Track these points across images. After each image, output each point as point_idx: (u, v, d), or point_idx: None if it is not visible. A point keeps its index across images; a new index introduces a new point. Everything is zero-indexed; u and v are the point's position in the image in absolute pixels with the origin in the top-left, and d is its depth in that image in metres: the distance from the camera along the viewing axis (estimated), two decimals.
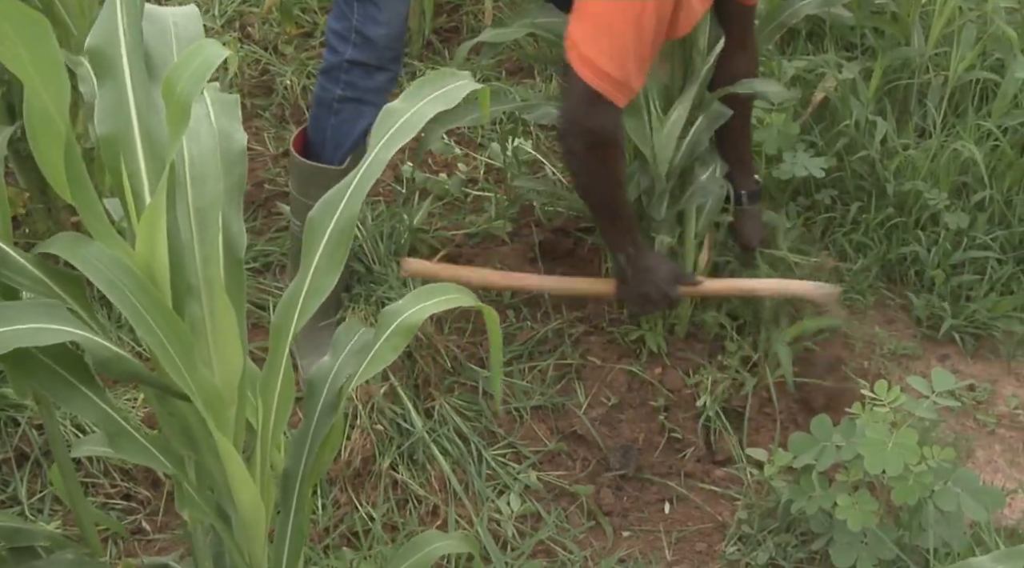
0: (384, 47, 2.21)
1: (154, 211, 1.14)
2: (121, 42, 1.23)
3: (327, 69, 2.28)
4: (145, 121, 1.22)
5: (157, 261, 1.17)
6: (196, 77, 1.10)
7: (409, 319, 1.37)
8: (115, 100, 1.22)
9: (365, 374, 1.36)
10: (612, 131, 2.01)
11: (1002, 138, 2.72)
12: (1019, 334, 2.50)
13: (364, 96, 2.26)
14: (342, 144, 2.28)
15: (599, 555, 2.04)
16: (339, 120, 2.28)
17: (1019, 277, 2.60)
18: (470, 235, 2.64)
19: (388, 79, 2.29)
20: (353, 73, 2.24)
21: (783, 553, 2.01)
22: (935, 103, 2.85)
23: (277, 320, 1.32)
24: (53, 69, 1.12)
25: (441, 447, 2.16)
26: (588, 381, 2.31)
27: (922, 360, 2.48)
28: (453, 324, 2.40)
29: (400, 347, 1.36)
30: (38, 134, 1.15)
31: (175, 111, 1.10)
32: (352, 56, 2.23)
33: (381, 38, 2.20)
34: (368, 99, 2.26)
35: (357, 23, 2.20)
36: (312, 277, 1.31)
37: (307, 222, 1.32)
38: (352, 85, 2.25)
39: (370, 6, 2.17)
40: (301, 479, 1.42)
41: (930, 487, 1.85)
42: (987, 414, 2.35)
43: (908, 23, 2.87)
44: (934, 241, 2.60)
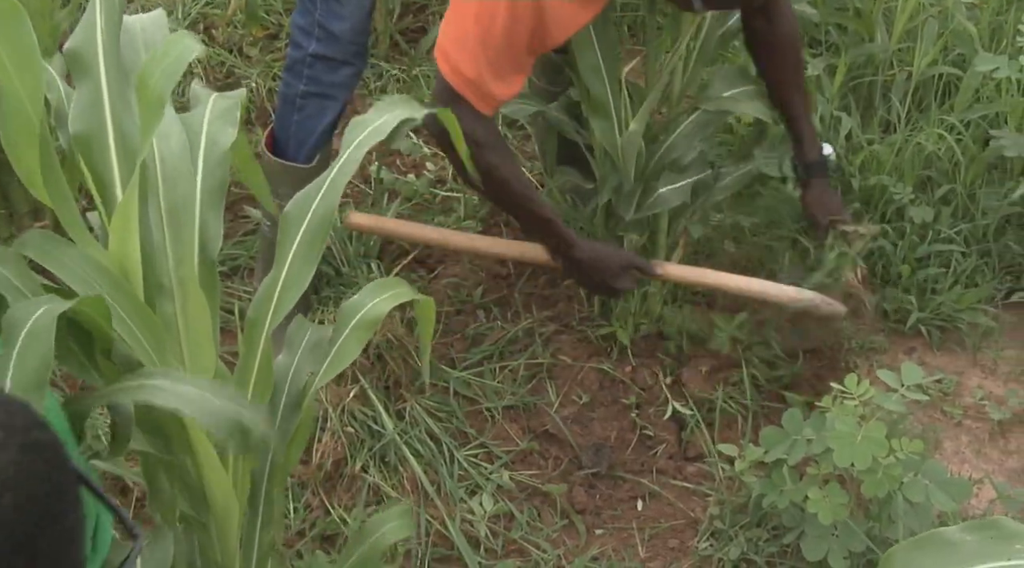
0: (347, 41, 2.20)
1: (126, 208, 1.14)
2: (99, 44, 1.24)
3: (291, 65, 2.27)
4: (119, 121, 1.23)
5: (130, 259, 1.17)
6: (170, 72, 1.11)
7: (370, 313, 1.37)
8: (90, 100, 1.23)
9: (332, 370, 1.37)
10: (475, 131, 1.86)
11: (964, 132, 2.75)
12: (984, 326, 2.53)
13: (328, 91, 2.25)
14: (306, 140, 2.27)
15: (572, 553, 2.04)
16: (303, 116, 2.27)
17: (983, 270, 2.63)
18: None
19: (352, 74, 2.28)
20: (316, 67, 2.23)
21: (755, 548, 2.02)
22: (899, 98, 2.88)
23: (252, 314, 1.32)
24: (29, 63, 1.11)
25: (413, 448, 2.15)
26: (559, 380, 2.31)
27: (889, 353, 2.50)
28: None
29: (364, 341, 1.36)
30: (12, 132, 1.14)
31: (148, 106, 1.11)
32: (315, 50, 2.22)
33: (344, 32, 2.19)
34: (332, 94, 2.25)
35: (320, 17, 2.19)
36: (288, 270, 1.31)
37: (283, 216, 1.32)
38: (316, 80, 2.24)
39: (332, 1, 2.16)
40: (268, 477, 1.41)
41: (899, 479, 1.86)
42: (954, 406, 2.37)
43: (872, 19, 2.90)
44: (900, 235, 2.63)
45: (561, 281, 2.41)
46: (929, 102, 2.90)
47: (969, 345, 2.52)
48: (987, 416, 2.35)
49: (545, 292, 2.49)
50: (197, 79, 3.02)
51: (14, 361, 0.98)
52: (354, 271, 2.45)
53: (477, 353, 2.34)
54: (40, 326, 1.00)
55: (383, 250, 2.56)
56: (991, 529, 1.29)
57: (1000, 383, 2.45)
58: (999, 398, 2.40)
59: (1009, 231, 2.68)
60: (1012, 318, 2.59)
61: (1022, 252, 2.65)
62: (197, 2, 3.35)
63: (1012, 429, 2.34)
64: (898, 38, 2.90)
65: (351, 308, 1.40)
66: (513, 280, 2.51)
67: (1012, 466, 2.26)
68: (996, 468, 2.26)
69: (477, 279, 2.50)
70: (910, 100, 2.88)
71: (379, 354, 2.23)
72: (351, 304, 1.41)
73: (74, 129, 1.21)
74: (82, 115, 1.22)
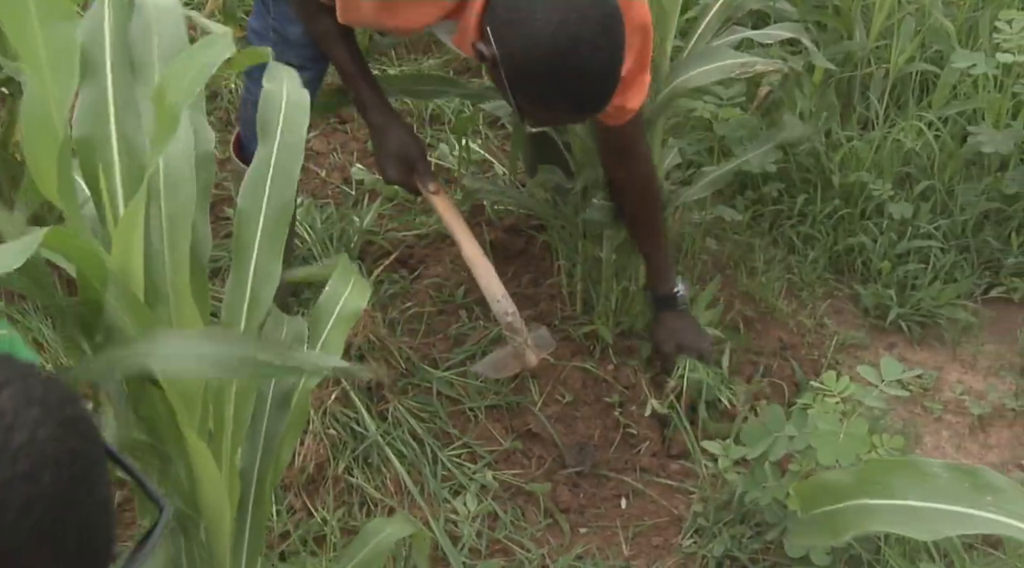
0: (303, 45, 2.13)
1: (130, 219, 1.12)
2: (106, 44, 1.21)
3: (249, 70, 2.22)
4: (123, 125, 1.21)
5: (132, 266, 1.16)
6: (190, 87, 1.08)
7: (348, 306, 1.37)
8: (95, 102, 1.21)
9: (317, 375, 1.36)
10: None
11: (942, 128, 2.77)
12: (963, 321, 2.55)
13: None
14: None
15: (557, 552, 2.04)
16: None
17: (962, 265, 2.65)
18: (420, 236, 2.64)
19: (310, 79, 2.18)
20: None
21: (738, 544, 2.02)
22: (877, 95, 2.90)
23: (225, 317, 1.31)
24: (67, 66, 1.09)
25: (396, 449, 2.15)
26: (542, 379, 2.31)
27: (870, 349, 2.52)
28: (406, 325, 2.40)
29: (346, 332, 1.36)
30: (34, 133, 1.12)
31: (163, 120, 1.07)
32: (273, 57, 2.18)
33: (299, 36, 2.12)
34: None
35: (274, 22, 2.13)
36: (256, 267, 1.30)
37: (236, 214, 1.30)
38: None
39: (284, 4, 2.10)
40: (258, 476, 1.41)
41: None
42: (934, 401, 2.39)
43: (850, 17, 2.91)
44: (879, 231, 2.64)
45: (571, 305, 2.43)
46: (907, 99, 2.92)
47: (949, 340, 2.54)
48: (967, 411, 2.37)
49: (528, 291, 2.49)
50: None
51: None
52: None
53: (460, 353, 2.34)
54: None
55: (364, 251, 2.56)
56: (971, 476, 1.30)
57: (980, 378, 2.47)
58: (979, 393, 2.42)
59: (987, 227, 2.71)
60: (991, 313, 2.61)
61: (1000, 247, 2.68)
62: None
63: (992, 423, 2.36)
64: (876, 35, 2.92)
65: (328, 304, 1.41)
66: None
67: (992, 460, 2.28)
68: (976, 462, 2.27)
69: (459, 279, 2.49)
70: (888, 97, 2.90)
71: (361, 355, 2.22)
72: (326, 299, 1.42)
73: (77, 133, 1.19)
74: (86, 118, 1.20)
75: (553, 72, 1.66)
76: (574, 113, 1.81)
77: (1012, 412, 2.37)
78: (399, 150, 2.09)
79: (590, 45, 1.65)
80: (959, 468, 1.35)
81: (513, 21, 1.67)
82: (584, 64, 1.66)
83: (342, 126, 3.02)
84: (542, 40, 1.64)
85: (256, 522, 1.41)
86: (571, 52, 1.64)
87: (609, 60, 1.69)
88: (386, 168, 2.11)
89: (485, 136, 2.95)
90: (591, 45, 1.65)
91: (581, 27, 1.64)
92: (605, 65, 1.69)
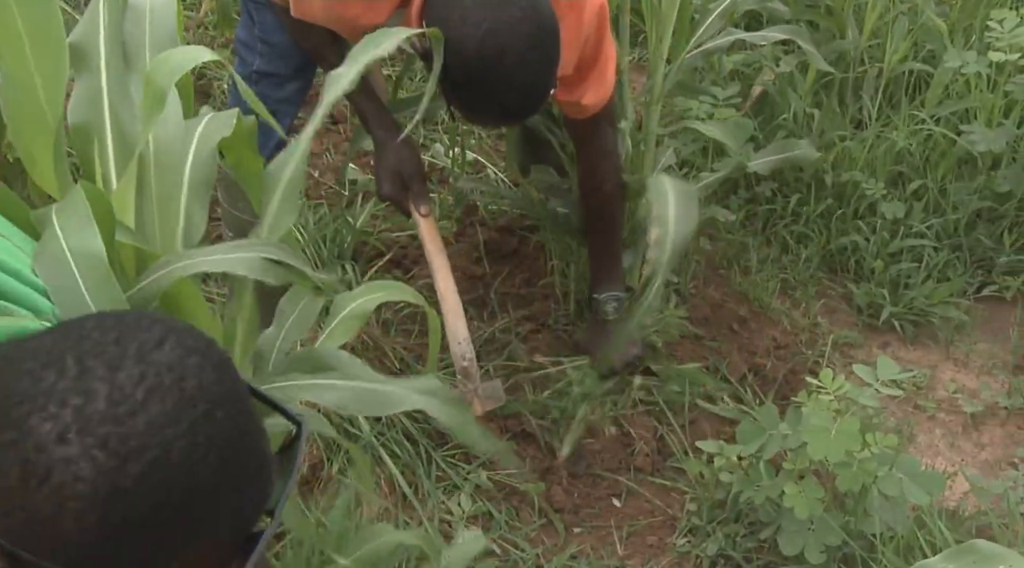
0: (289, 55, 2.10)
1: (122, 196, 1.16)
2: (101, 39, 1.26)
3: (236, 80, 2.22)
4: (116, 113, 1.25)
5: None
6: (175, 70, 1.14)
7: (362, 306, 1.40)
8: (90, 92, 1.25)
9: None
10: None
11: (935, 128, 2.78)
12: (956, 320, 2.55)
13: (275, 107, 2.15)
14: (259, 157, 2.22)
15: (551, 552, 2.04)
16: None
17: (955, 264, 2.66)
18: (414, 236, 2.63)
19: (298, 89, 2.19)
20: (263, 84, 2.14)
21: (732, 543, 2.02)
22: (870, 95, 2.90)
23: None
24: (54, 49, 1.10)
25: (390, 450, 2.14)
26: (536, 379, 2.31)
27: (864, 348, 2.52)
28: (399, 326, 2.39)
29: (354, 330, 1.39)
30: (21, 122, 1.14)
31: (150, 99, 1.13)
32: (260, 67, 2.13)
33: (286, 45, 2.08)
34: (280, 110, 2.16)
35: (260, 32, 2.09)
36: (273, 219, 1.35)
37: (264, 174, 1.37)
38: (263, 96, 2.11)
39: (268, 12, 2.05)
40: None
41: (874, 473, 1.88)
42: (927, 399, 2.39)
43: (843, 16, 2.92)
44: (872, 230, 2.65)
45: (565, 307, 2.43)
46: (900, 98, 2.92)
47: (942, 339, 2.55)
48: (960, 409, 2.37)
49: (521, 292, 2.49)
50: None
51: None
52: (329, 272, 2.44)
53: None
54: None
55: (357, 251, 2.55)
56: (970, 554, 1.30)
57: (973, 376, 2.47)
58: (972, 391, 2.43)
59: (980, 225, 2.71)
60: (984, 312, 2.62)
61: (993, 246, 2.68)
62: None
63: (985, 422, 2.36)
64: (869, 35, 2.92)
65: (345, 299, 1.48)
66: (489, 280, 2.51)
67: (985, 458, 2.28)
68: (969, 461, 2.28)
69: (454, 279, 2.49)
70: (881, 96, 2.91)
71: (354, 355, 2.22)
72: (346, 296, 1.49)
73: (73, 120, 1.23)
74: (80, 107, 1.24)
75: (478, 80, 1.65)
76: (499, 120, 1.79)
77: (1005, 410, 2.38)
78: (396, 167, 2.05)
79: (517, 57, 1.63)
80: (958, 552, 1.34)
81: (445, 22, 1.65)
82: (509, 76, 1.64)
83: (335, 126, 3.02)
84: (468, 47, 1.63)
85: None
86: (496, 63, 1.62)
87: (536, 73, 1.67)
88: (382, 183, 2.07)
89: (478, 137, 2.95)
90: (518, 57, 1.63)
91: (509, 38, 1.62)
92: (531, 78, 1.67)
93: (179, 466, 0.74)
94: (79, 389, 0.74)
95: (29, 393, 0.74)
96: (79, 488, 0.72)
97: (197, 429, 0.75)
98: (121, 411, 0.73)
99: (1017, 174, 2.69)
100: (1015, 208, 2.71)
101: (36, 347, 0.78)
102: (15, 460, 0.73)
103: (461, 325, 2.02)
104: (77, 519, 0.72)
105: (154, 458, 0.73)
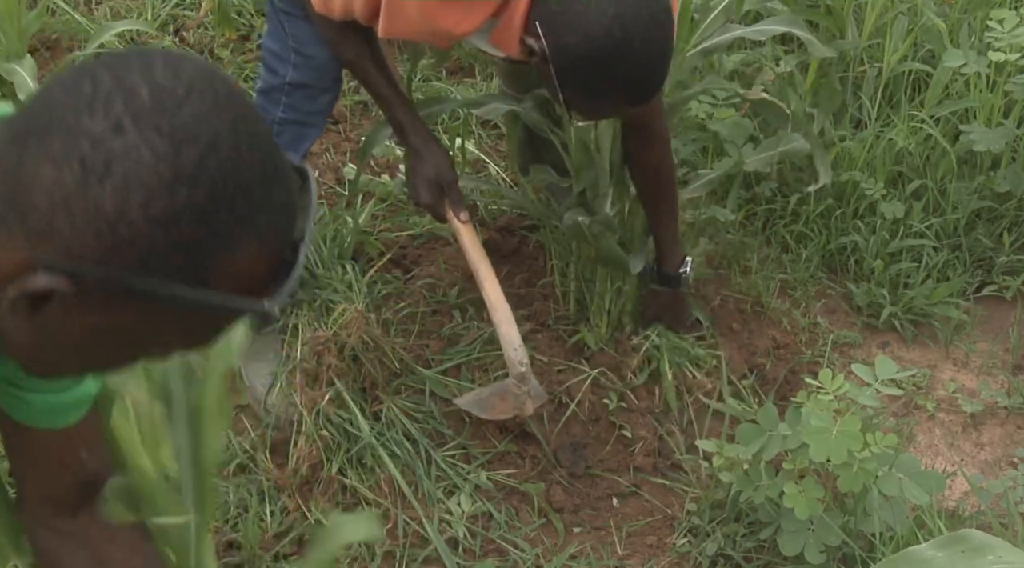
0: (325, 67, 2.11)
1: None
2: None
3: (266, 90, 2.17)
4: None
5: None
6: None
7: None
8: None
9: None
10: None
11: (934, 127, 2.78)
12: (956, 320, 2.55)
13: (307, 119, 2.18)
14: None
15: (551, 552, 2.04)
16: (281, 142, 2.20)
17: (954, 264, 2.66)
18: (414, 236, 2.63)
19: (330, 101, 2.20)
20: (295, 95, 2.14)
21: (732, 543, 2.03)
22: (870, 95, 2.90)
23: None
24: None
25: (389, 450, 2.14)
26: (536, 378, 2.31)
27: (863, 348, 2.52)
28: (399, 326, 2.39)
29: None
30: None
31: None
32: (294, 78, 2.13)
33: (323, 58, 2.09)
34: (311, 122, 2.19)
35: (293, 43, 2.09)
36: None
37: None
38: (294, 107, 2.16)
39: (303, 23, 2.06)
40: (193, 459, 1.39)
41: (874, 473, 1.88)
42: (927, 399, 2.39)
43: (842, 16, 2.91)
44: (872, 230, 2.65)
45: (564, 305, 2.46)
46: (899, 98, 2.92)
47: (941, 339, 2.55)
48: (960, 409, 2.37)
49: (520, 291, 2.49)
50: None
51: None
52: (328, 272, 2.44)
53: (453, 353, 2.34)
54: None
55: (358, 251, 2.55)
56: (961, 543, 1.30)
57: (972, 376, 2.47)
58: (971, 391, 2.43)
59: (979, 225, 2.72)
60: (983, 311, 2.62)
61: (992, 246, 2.68)
62: (168, 3, 3.33)
63: (984, 421, 2.36)
64: (868, 34, 2.92)
65: None
66: None
67: (985, 458, 2.28)
68: (969, 460, 2.28)
69: (452, 279, 2.49)
70: (880, 96, 2.90)
71: (355, 355, 2.22)
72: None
73: None
74: None
75: (606, 65, 1.70)
76: (624, 104, 1.83)
77: (1004, 410, 2.38)
78: (434, 175, 2.10)
79: (642, 37, 1.69)
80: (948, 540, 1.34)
81: (566, 14, 1.70)
82: (636, 57, 1.70)
83: (335, 126, 3.02)
84: (596, 34, 1.68)
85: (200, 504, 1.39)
86: (624, 45, 1.68)
87: (660, 52, 1.75)
88: (419, 191, 2.12)
89: (478, 136, 2.95)
90: (643, 37, 1.69)
91: (635, 20, 1.68)
92: (656, 57, 1.75)
93: (228, 155, 0.76)
94: (120, 89, 0.74)
95: (70, 102, 0.75)
96: (142, 175, 0.73)
97: (238, 125, 0.77)
98: (167, 103, 0.75)
99: (1016, 174, 2.69)
100: (1015, 208, 2.71)
101: (59, 78, 0.78)
102: (71, 162, 0.73)
103: (515, 332, 2.08)
104: (143, 207, 0.73)
105: (207, 144, 0.75)
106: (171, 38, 3.20)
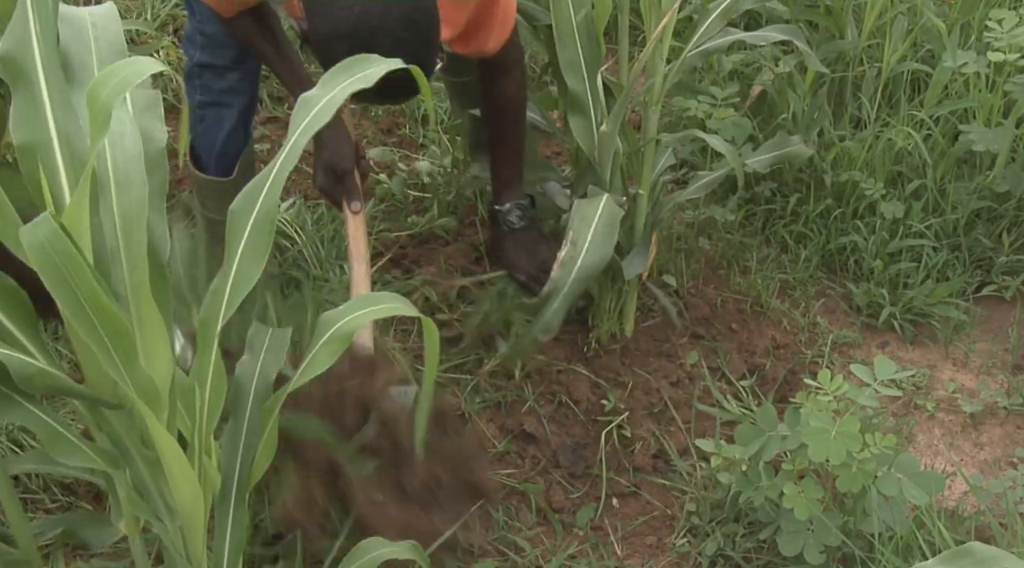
0: (227, 44, 2.10)
1: (74, 212, 1.09)
2: (35, 47, 1.19)
3: (186, 75, 2.21)
4: (63, 128, 1.19)
5: None
6: (121, 86, 1.07)
7: (346, 326, 1.36)
8: (30, 108, 1.18)
9: (303, 378, 1.35)
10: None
11: (934, 127, 2.78)
12: (955, 320, 2.55)
13: (220, 98, 2.17)
14: (211, 151, 2.22)
15: (550, 552, 2.04)
16: (204, 126, 2.21)
17: (954, 264, 2.66)
18: (413, 236, 2.63)
19: (240, 78, 2.18)
20: (205, 76, 2.16)
21: (731, 544, 2.02)
22: (869, 95, 2.90)
23: (204, 313, 1.29)
24: None
25: None
26: (536, 379, 2.31)
27: (863, 348, 2.52)
28: (399, 326, 2.39)
29: (337, 352, 1.35)
30: None
31: (96, 117, 1.06)
32: (200, 59, 2.14)
33: (222, 35, 2.07)
34: (224, 101, 2.17)
35: (198, 23, 2.10)
36: (237, 268, 1.28)
37: (229, 213, 1.27)
38: (207, 88, 2.17)
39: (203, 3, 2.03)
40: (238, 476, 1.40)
41: (873, 473, 1.88)
42: (926, 399, 2.39)
43: (842, 16, 2.92)
44: (872, 230, 2.65)
45: None
46: (899, 98, 2.92)
47: (941, 339, 2.55)
48: (959, 409, 2.37)
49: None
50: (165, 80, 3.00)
51: None
52: (326, 272, 2.44)
53: (454, 354, 2.34)
54: None
55: None
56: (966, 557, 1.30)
57: (972, 376, 2.47)
58: (971, 391, 2.43)
59: (979, 225, 2.71)
60: (983, 311, 2.62)
61: (992, 246, 2.68)
62: (167, 3, 3.32)
63: (984, 421, 2.36)
64: (868, 34, 2.92)
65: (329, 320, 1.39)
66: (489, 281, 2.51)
67: (984, 458, 2.28)
68: (968, 460, 2.28)
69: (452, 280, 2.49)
70: (880, 96, 2.90)
71: None
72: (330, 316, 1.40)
73: (17, 140, 1.17)
74: (23, 125, 1.17)
75: (349, 55, 1.62)
76: (383, 101, 1.79)
77: (1004, 410, 2.38)
78: (330, 161, 2.05)
79: (391, 39, 1.62)
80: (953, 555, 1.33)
81: (320, 2, 1.65)
82: (378, 52, 1.60)
83: None
84: (342, 28, 1.62)
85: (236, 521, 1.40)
86: (370, 44, 1.60)
87: (412, 55, 1.63)
88: (317, 174, 2.09)
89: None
90: (392, 39, 1.62)
91: (383, 19, 1.61)
92: (407, 60, 1.61)
93: None
94: None
95: None
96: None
97: None
98: None
99: (1016, 174, 2.69)
100: (1014, 208, 2.71)
101: None
102: None
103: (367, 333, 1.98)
104: None
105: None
106: (170, 38, 3.19)
